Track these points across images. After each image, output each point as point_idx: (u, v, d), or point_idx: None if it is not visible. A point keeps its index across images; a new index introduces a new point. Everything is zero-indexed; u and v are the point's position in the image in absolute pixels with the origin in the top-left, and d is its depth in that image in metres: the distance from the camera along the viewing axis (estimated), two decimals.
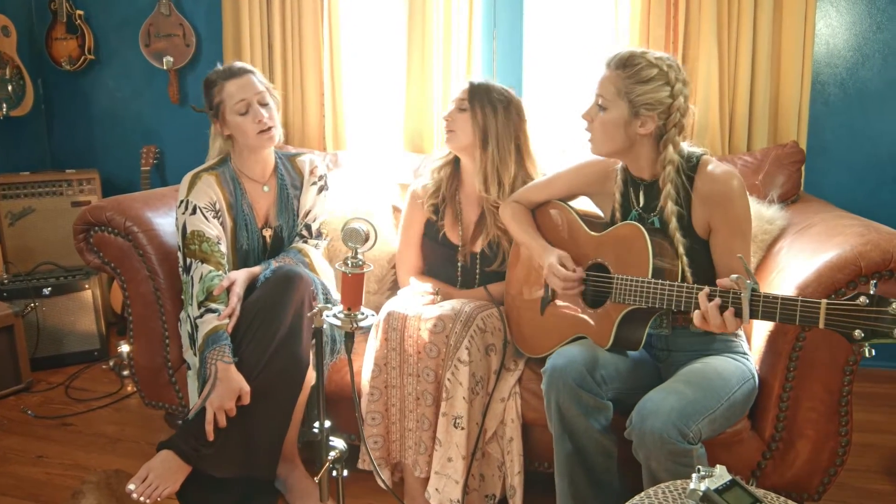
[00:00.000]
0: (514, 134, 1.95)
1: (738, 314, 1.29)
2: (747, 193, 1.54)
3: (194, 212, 1.85)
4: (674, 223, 1.53)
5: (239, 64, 1.96)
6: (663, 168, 1.55)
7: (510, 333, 1.88)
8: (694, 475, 1.04)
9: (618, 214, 1.69)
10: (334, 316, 1.35)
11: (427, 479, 1.78)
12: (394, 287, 2.25)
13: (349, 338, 1.38)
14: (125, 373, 2.72)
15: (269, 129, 1.90)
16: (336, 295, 1.94)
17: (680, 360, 1.62)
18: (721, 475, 1.04)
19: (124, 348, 2.72)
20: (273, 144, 1.95)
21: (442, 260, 2.06)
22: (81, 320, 2.83)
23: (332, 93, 2.88)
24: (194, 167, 3.18)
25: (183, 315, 1.99)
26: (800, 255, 1.70)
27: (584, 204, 1.86)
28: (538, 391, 1.78)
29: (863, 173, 2.63)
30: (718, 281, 1.35)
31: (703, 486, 1.02)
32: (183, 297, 1.93)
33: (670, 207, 1.53)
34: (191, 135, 3.25)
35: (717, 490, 1.01)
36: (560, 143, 2.87)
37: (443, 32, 2.72)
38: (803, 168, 2.25)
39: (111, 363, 2.81)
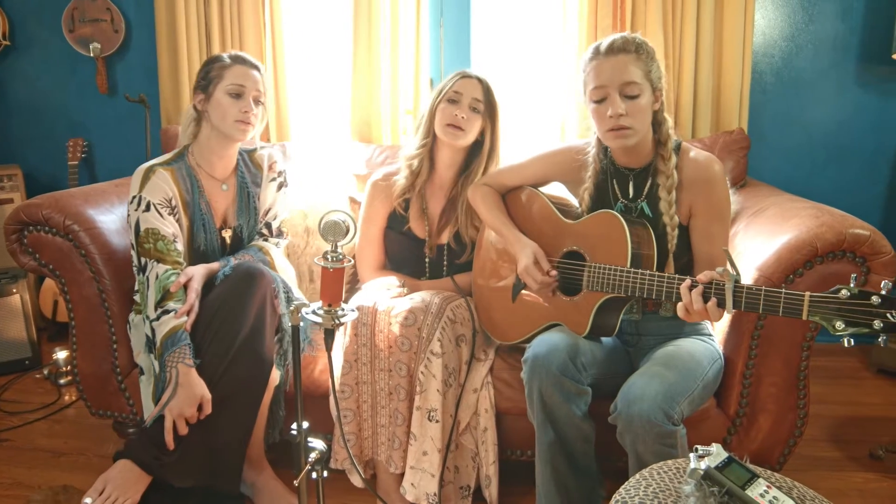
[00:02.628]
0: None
1: (720, 305, 1.30)
2: (727, 179, 1.58)
3: (148, 208, 1.73)
4: (667, 197, 1.54)
5: (252, 58, 1.88)
6: (664, 144, 1.57)
7: (479, 319, 1.87)
8: (692, 455, 1.06)
9: (593, 204, 1.68)
10: (314, 313, 1.30)
11: (401, 475, 1.76)
12: (353, 281, 2.20)
13: (329, 335, 1.33)
14: (63, 381, 2.55)
15: (249, 123, 1.82)
16: (297, 293, 1.88)
17: (650, 344, 1.65)
18: (718, 453, 1.06)
19: (61, 355, 2.56)
20: (244, 139, 1.86)
21: (409, 253, 2.02)
22: (10, 327, 2.63)
23: (276, 81, 2.78)
24: (127, 160, 3.06)
25: (132, 318, 1.88)
26: (757, 238, 1.77)
27: (555, 190, 1.86)
28: (510, 380, 1.79)
29: (798, 159, 2.77)
30: (699, 276, 1.35)
31: (703, 465, 1.04)
32: (137, 298, 1.82)
33: (672, 180, 1.55)
34: (122, 127, 3.09)
35: (716, 468, 1.04)
36: (508, 131, 2.87)
37: (390, 20, 2.67)
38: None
39: (46, 371, 2.63)
